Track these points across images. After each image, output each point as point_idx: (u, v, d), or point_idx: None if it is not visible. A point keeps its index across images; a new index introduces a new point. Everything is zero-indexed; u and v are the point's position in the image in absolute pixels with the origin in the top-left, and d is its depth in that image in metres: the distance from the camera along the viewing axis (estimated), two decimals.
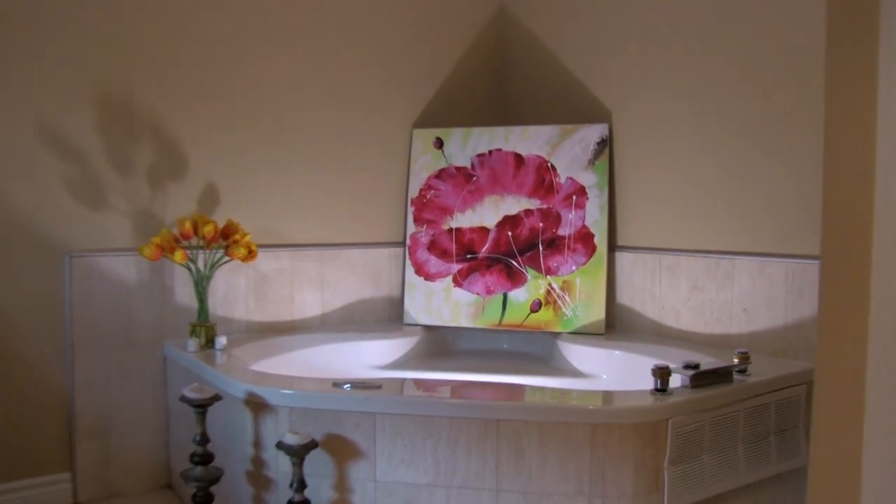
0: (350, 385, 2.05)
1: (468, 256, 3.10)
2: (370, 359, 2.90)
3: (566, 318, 2.95)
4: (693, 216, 2.74)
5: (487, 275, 3.07)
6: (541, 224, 3.02)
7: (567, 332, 2.93)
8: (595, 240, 2.94)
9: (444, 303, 3.09)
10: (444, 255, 3.12)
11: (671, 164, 2.80)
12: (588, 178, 2.98)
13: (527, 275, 3.02)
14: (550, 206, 3.02)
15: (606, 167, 2.97)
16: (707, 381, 2.03)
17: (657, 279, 2.83)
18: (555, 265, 2.99)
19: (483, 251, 3.09)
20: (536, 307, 2.99)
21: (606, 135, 2.99)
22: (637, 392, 1.99)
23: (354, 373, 2.72)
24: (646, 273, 2.87)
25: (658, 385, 1.95)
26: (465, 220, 3.11)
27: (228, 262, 2.66)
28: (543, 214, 3.02)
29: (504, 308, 3.03)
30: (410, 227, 3.18)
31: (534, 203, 3.04)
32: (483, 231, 3.09)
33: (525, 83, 3.40)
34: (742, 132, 2.57)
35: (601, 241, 2.94)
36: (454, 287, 3.09)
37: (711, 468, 1.98)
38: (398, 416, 1.94)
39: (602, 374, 2.71)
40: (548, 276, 2.99)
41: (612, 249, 2.99)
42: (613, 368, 2.69)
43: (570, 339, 2.88)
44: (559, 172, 3.02)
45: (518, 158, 3.08)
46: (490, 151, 3.12)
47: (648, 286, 2.86)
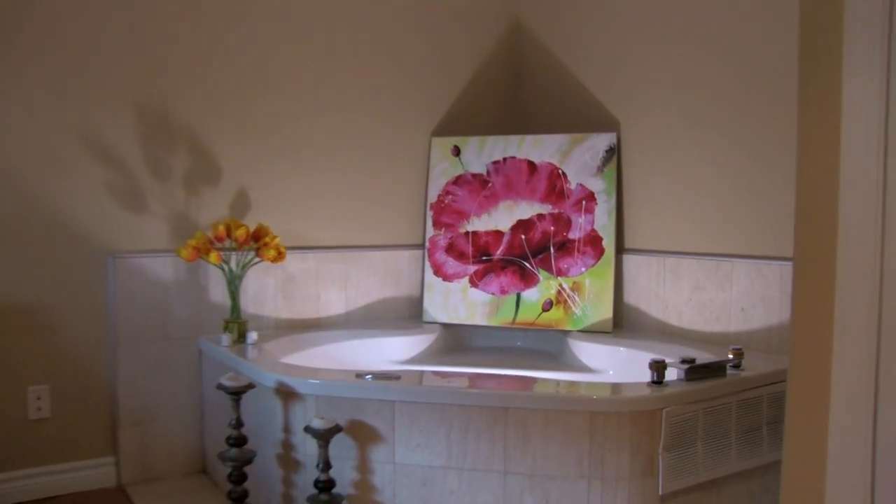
0: (371, 376, 2.22)
1: (484, 258, 3.25)
2: (391, 354, 3.05)
3: (576, 317, 3.09)
4: (695, 221, 2.88)
5: (502, 276, 3.22)
6: (552, 228, 3.17)
7: (577, 330, 3.07)
8: (603, 243, 3.09)
9: (461, 302, 3.25)
10: (461, 257, 3.28)
11: (675, 172, 2.94)
12: (597, 185, 3.13)
13: (539, 276, 3.17)
14: (561, 211, 3.17)
15: (614, 174, 3.11)
16: (701, 375, 2.17)
17: (661, 280, 2.97)
18: (565, 267, 3.13)
19: (498, 253, 3.24)
20: (548, 306, 3.14)
21: (614, 143, 3.13)
22: (635, 384, 2.14)
23: (376, 367, 2.87)
24: (651, 274, 3.01)
25: (654, 377, 2.11)
26: (481, 224, 3.27)
27: (259, 263, 2.83)
28: (555, 219, 3.17)
29: (517, 307, 3.18)
30: (429, 231, 3.33)
31: (546, 208, 3.19)
32: (498, 234, 3.24)
33: (538, 94, 3.55)
34: (741, 143, 2.70)
35: (609, 244, 3.08)
36: (470, 287, 3.25)
37: (705, 455, 2.13)
38: (415, 405, 2.10)
39: (609, 370, 2.85)
40: (559, 277, 3.14)
41: (620, 252, 3.13)
42: (619, 364, 2.82)
43: (580, 337, 3.02)
44: (570, 179, 3.16)
45: (531, 165, 3.23)
46: (504, 159, 3.27)
47: (653, 287, 3.01)
